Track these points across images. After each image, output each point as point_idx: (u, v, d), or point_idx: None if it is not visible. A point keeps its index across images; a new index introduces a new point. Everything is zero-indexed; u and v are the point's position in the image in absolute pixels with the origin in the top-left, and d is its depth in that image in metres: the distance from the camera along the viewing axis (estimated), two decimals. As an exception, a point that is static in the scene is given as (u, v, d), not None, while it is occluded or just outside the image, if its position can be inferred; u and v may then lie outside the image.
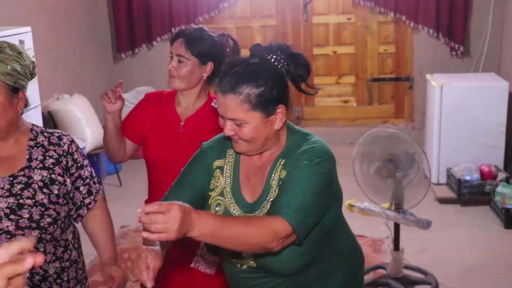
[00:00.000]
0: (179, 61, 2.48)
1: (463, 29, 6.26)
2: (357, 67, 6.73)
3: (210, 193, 1.92)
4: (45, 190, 2.05)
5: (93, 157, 5.45)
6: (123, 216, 5.06)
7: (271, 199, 1.81)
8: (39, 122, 3.99)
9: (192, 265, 2.52)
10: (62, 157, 2.12)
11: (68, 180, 2.12)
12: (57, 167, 2.10)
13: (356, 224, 4.47)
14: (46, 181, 2.06)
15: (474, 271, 4.00)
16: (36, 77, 3.90)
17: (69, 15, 6.06)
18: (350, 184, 4.76)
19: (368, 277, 3.90)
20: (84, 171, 2.18)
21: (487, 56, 6.10)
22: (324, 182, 1.78)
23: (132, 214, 2.86)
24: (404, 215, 3.61)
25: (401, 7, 6.32)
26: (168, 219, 1.48)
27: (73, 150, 2.16)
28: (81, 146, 4.97)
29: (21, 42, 3.66)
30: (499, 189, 4.78)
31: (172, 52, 2.50)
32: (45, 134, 2.15)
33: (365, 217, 4.16)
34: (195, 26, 2.64)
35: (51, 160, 2.10)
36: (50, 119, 5.36)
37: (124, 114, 2.71)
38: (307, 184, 1.75)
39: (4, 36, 3.55)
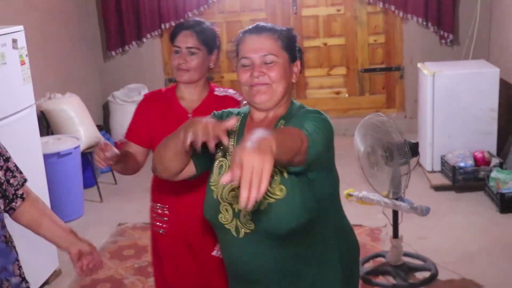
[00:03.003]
0: (191, 53, 2.50)
1: (452, 17, 6.30)
2: (348, 58, 6.75)
3: (216, 156, 1.98)
4: None
5: (87, 155, 5.44)
6: (120, 214, 5.07)
7: None
8: (34, 122, 3.96)
9: (213, 253, 2.57)
10: None
11: (0, 173, 2.10)
12: None
13: (353, 213, 4.48)
14: None
15: (472, 256, 4.03)
16: (30, 77, 3.90)
17: (59, 13, 6.03)
18: (347, 174, 4.76)
19: (368, 266, 3.93)
20: (10, 164, 2.15)
21: (476, 43, 6.14)
22: (329, 132, 1.82)
23: (129, 212, 2.89)
24: (401, 202, 3.63)
25: (389, -3, 6.35)
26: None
27: None
28: (75, 145, 4.98)
29: (14, 41, 3.64)
30: (493, 174, 4.82)
31: (180, 46, 2.51)
32: None
33: (362, 207, 4.19)
34: (192, 18, 2.65)
35: None
36: (42, 118, 5.34)
37: (119, 111, 2.71)
38: (316, 122, 1.79)
39: (-3, 36, 3.53)
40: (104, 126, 6.58)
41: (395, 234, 3.81)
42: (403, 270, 3.77)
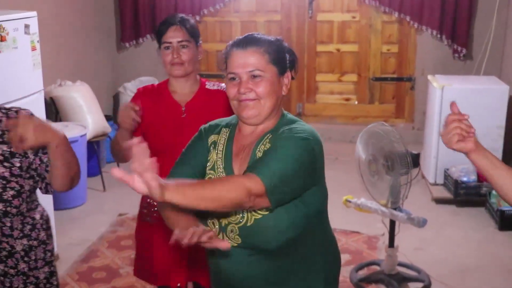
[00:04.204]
0: (182, 47, 2.55)
1: (467, 31, 6.29)
2: (360, 65, 6.75)
3: (206, 170, 1.99)
4: (6, 163, 2.05)
5: (93, 144, 5.48)
6: (121, 204, 5.10)
7: None
8: (41, 107, 4.01)
9: None
10: None
11: (29, 151, 2.10)
12: None
13: (352, 220, 4.56)
14: (6, 155, 2.06)
15: (467, 271, 4.03)
16: (40, 63, 3.95)
17: (75, 2, 6.08)
18: (349, 180, 4.84)
19: (362, 273, 3.94)
20: None
21: (489, 59, 6.13)
22: (307, 159, 1.81)
23: (130, 203, 2.96)
24: (399, 212, 3.64)
25: (405, 7, 6.35)
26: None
27: None
28: (81, 133, 5.03)
29: (27, 26, 3.69)
30: (495, 191, 4.80)
31: (171, 41, 2.55)
32: (3, 110, 2.14)
33: (361, 214, 4.20)
34: (174, 14, 2.68)
35: None
36: (52, 105, 5.40)
37: (125, 101, 2.74)
38: (290, 152, 1.78)
39: (10, 20, 3.58)
40: (113, 117, 6.62)
41: (391, 243, 3.81)
42: (396, 279, 3.77)
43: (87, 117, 5.40)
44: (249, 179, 1.70)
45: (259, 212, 1.82)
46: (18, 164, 2.07)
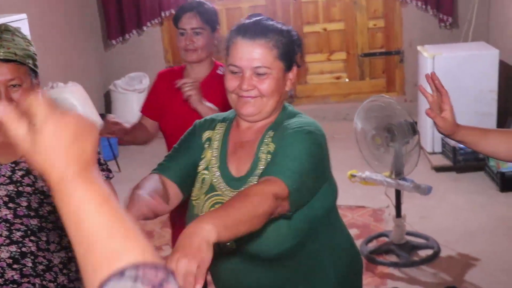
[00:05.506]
0: (196, 34, 2.60)
1: (451, 0, 6.32)
2: (348, 43, 6.77)
3: (198, 168, 1.84)
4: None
5: (90, 143, 5.48)
6: (122, 202, 5.10)
7: (259, 172, 1.70)
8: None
9: None
10: None
11: None
12: None
13: (356, 195, 4.60)
14: None
15: (473, 234, 4.08)
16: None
17: (59, 2, 6.05)
18: (348, 157, 4.86)
19: (371, 245, 3.98)
20: None
21: (476, 26, 6.16)
22: (317, 154, 1.68)
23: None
24: (404, 182, 3.68)
25: (388, -19, 6.38)
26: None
27: None
28: (79, 132, 5.02)
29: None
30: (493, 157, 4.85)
31: (184, 28, 2.61)
32: None
33: (364, 189, 4.24)
34: (192, 0, 2.73)
35: None
36: (46, 107, 5.38)
37: (121, 100, 2.79)
38: (302, 150, 1.64)
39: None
40: (106, 115, 6.61)
41: (398, 214, 3.86)
42: (406, 248, 3.82)
43: (82, 116, 5.40)
44: (272, 183, 1.53)
45: None
46: None
